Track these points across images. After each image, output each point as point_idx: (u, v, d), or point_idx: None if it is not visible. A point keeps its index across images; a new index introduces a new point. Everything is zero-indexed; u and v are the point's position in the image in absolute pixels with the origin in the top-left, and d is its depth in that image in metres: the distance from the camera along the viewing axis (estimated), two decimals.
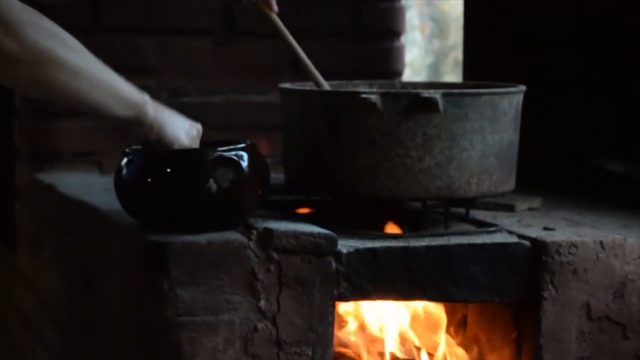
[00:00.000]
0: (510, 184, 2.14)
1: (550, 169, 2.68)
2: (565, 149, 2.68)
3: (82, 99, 1.79)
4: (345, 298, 1.99)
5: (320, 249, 1.95)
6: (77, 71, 1.75)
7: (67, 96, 1.77)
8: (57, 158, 2.89)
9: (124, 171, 1.98)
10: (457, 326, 2.27)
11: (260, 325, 1.92)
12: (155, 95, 2.89)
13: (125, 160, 1.99)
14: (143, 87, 2.89)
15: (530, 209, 2.35)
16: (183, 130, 1.95)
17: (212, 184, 1.92)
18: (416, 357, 2.20)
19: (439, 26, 8.40)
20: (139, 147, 1.99)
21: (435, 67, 8.42)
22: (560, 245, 2.05)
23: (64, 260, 2.62)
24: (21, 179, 3.04)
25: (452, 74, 8.10)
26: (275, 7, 2.02)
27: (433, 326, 2.22)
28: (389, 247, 1.99)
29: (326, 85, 2.14)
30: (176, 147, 1.93)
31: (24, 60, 1.67)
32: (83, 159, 2.90)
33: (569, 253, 2.05)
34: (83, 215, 2.41)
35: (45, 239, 2.80)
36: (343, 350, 2.18)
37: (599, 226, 2.19)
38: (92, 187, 2.57)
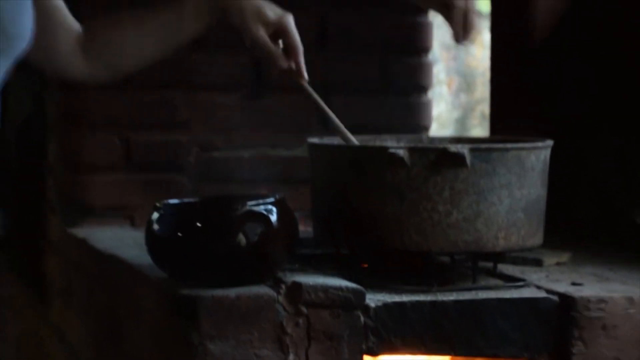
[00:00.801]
0: (538, 238, 2.12)
1: (579, 220, 2.66)
2: (595, 200, 2.66)
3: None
4: (373, 352, 1.97)
5: (349, 303, 1.94)
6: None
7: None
8: (90, 212, 2.90)
9: (155, 225, 1.98)
10: None
11: None
12: (186, 150, 2.94)
13: (155, 214, 1.99)
14: (174, 142, 2.94)
15: (558, 263, 2.32)
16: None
17: (242, 238, 1.92)
18: None
19: (465, 80, 8.40)
20: (172, 201, 2.00)
21: (462, 121, 8.41)
22: (589, 300, 2.02)
23: (94, 312, 2.62)
24: (54, 232, 3.05)
25: (479, 128, 8.09)
26: (306, 76, 2.02)
27: None
28: (417, 302, 1.98)
29: (355, 142, 2.14)
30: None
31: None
32: (115, 212, 2.90)
33: (598, 309, 2.02)
34: (114, 269, 2.41)
35: (77, 291, 2.80)
36: None
37: (629, 282, 2.16)
38: (123, 241, 2.58)
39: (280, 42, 1.98)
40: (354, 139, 2.14)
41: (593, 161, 2.67)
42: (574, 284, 2.12)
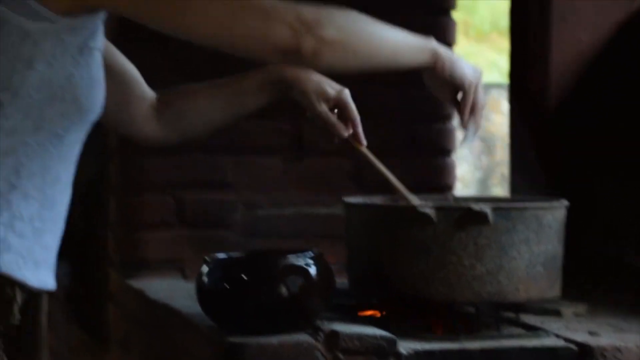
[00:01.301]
0: (556, 290, 2.10)
1: (596, 273, 2.63)
2: (610, 254, 2.64)
3: (386, 60, 1.75)
4: None
5: (382, 351, 1.92)
6: (378, 36, 1.71)
7: (374, 61, 1.73)
8: (145, 265, 2.90)
9: (204, 278, 1.98)
10: None
11: None
12: (233, 208, 2.94)
13: (205, 267, 1.99)
14: (221, 201, 2.96)
15: (575, 314, 2.29)
16: (468, 67, 1.86)
17: (283, 290, 1.92)
18: None
19: (486, 144, 8.45)
20: (221, 256, 2.00)
21: (483, 181, 8.44)
22: (605, 349, 1.99)
23: (150, 358, 2.61)
24: (114, 284, 3.05)
25: (499, 187, 8.11)
26: (364, 142, 2.02)
27: None
28: (446, 349, 1.96)
29: (415, 200, 2.10)
30: (469, 80, 1.85)
31: (344, 43, 1.65)
32: (168, 265, 2.91)
33: (614, 357, 1.99)
34: (168, 318, 2.40)
35: (134, 338, 2.80)
36: None
37: None
38: (175, 292, 2.57)
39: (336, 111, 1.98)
40: (413, 197, 2.11)
41: (607, 214, 2.65)
42: (591, 333, 2.09)
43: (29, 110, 1.62)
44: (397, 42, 1.75)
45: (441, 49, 1.82)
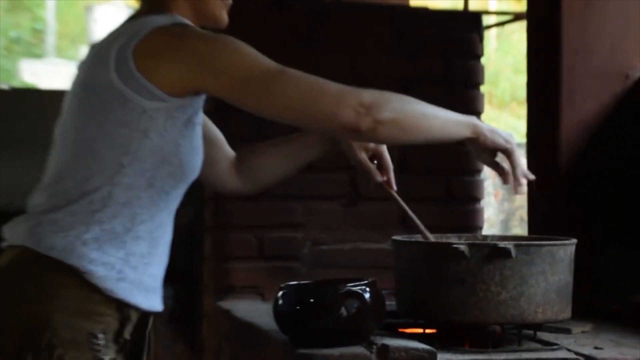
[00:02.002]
0: (567, 313, 2.06)
1: (599, 302, 2.59)
2: (610, 287, 2.60)
3: (435, 134, 1.74)
4: None
5: None
6: (424, 114, 1.71)
7: (424, 136, 1.73)
8: (232, 290, 2.90)
9: (280, 301, 1.97)
10: None
11: None
12: (302, 244, 2.95)
13: (280, 292, 1.99)
14: (293, 238, 2.96)
15: (583, 332, 2.25)
16: (505, 135, 1.83)
17: (343, 311, 1.90)
18: None
19: (508, 192, 8.40)
20: (293, 283, 2.00)
21: (505, 222, 8.38)
22: None
23: None
24: (207, 305, 3.06)
25: (519, 228, 8.04)
26: (395, 186, 2.02)
27: None
28: None
29: (431, 237, 2.11)
30: (507, 146, 1.81)
31: (397, 122, 1.66)
32: (250, 291, 2.91)
33: None
34: (251, 333, 2.40)
35: (224, 350, 2.80)
36: None
37: (638, 346, 2.09)
38: (256, 312, 2.57)
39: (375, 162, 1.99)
40: (430, 235, 2.11)
41: (610, 252, 2.61)
42: (596, 348, 2.06)
43: (144, 171, 1.64)
44: (443, 121, 1.74)
45: (480, 122, 1.79)
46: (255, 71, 1.62)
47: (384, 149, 1.97)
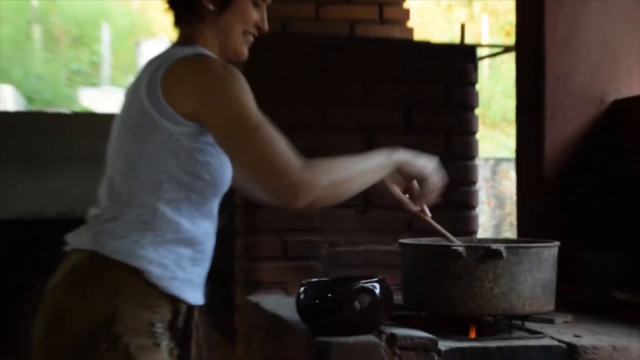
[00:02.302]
0: (551, 306, 2.05)
1: (579, 297, 2.56)
2: (588, 284, 2.58)
3: (362, 186, 1.68)
4: None
5: (427, 347, 1.91)
6: (353, 175, 1.65)
7: (354, 193, 1.67)
8: (260, 286, 2.90)
9: (301, 296, 1.98)
10: None
11: None
12: (320, 246, 2.94)
13: (301, 288, 1.99)
14: (312, 241, 2.96)
15: (564, 322, 2.24)
16: (424, 160, 1.78)
17: (357, 305, 1.90)
18: None
19: (499, 201, 8.37)
20: (313, 280, 1.99)
21: (497, 227, 8.35)
22: (586, 347, 1.96)
23: (266, 353, 2.60)
24: (239, 299, 3.06)
25: (509, 232, 8.00)
26: (429, 214, 1.90)
27: None
28: (473, 347, 1.94)
29: (455, 240, 2.04)
30: (428, 170, 1.77)
31: (331, 196, 1.60)
32: (275, 286, 2.90)
33: (592, 353, 1.95)
34: (276, 323, 2.40)
35: (253, 337, 2.79)
36: None
37: (612, 334, 2.07)
38: (281, 305, 2.57)
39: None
40: (455, 239, 2.04)
41: (597, 261, 2.59)
42: (575, 336, 2.05)
43: (180, 187, 1.63)
44: (368, 173, 1.68)
45: (398, 154, 1.73)
46: (240, 120, 1.55)
47: (414, 182, 1.85)
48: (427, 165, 1.77)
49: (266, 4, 1.73)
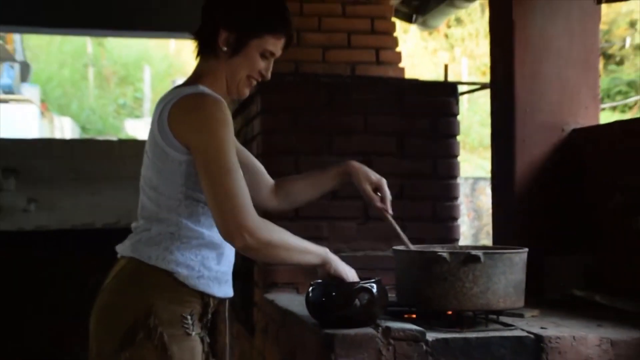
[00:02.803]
0: (521, 303, 2.04)
1: (544, 294, 2.55)
2: (553, 283, 2.57)
3: (292, 261, 1.72)
4: None
5: (417, 338, 1.89)
6: (289, 247, 1.68)
7: (285, 261, 1.71)
8: (275, 285, 2.89)
9: (310, 294, 1.96)
10: None
11: None
12: None
13: (310, 288, 1.97)
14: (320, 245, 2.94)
15: (532, 316, 2.22)
16: (347, 269, 1.87)
17: (357, 302, 1.89)
18: None
19: (477, 214, 8.35)
20: (320, 281, 1.98)
21: (476, 236, 8.33)
22: (550, 337, 1.93)
23: (280, 343, 2.59)
24: (257, 296, 3.05)
25: (486, 240, 7.98)
26: (391, 211, 1.98)
27: None
28: (455, 337, 1.92)
29: (411, 247, 2.06)
30: (346, 278, 1.84)
31: (261, 249, 1.62)
32: (288, 286, 2.89)
33: (556, 342, 1.93)
34: (289, 318, 2.39)
35: (270, 330, 2.78)
36: None
37: (573, 327, 2.05)
38: (293, 302, 2.55)
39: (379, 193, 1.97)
40: (411, 245, 2.07)
41: (559, 264, 2.58)
42: (542, 328, 2.03)
43: (197, 203, 1.64)
44: (304, 252, 1.70)
45: (330, 254, 1.77)
46: (217, 161, 1.54)
47: (384, 182, 1.94)
48: (348, 272, 1.81)
49: (273, 57, 1.72)
